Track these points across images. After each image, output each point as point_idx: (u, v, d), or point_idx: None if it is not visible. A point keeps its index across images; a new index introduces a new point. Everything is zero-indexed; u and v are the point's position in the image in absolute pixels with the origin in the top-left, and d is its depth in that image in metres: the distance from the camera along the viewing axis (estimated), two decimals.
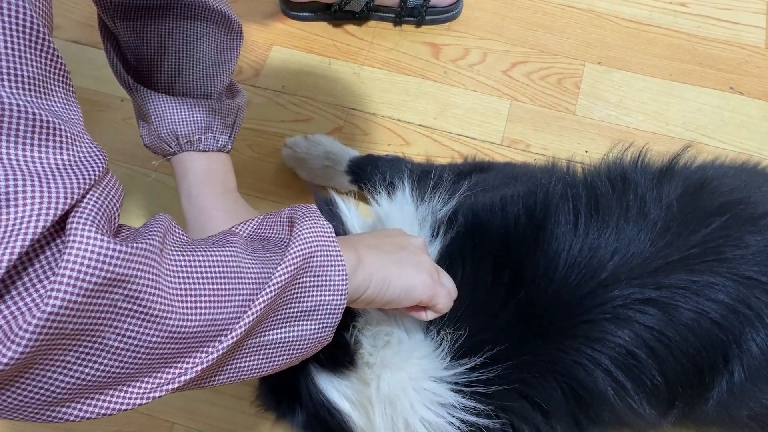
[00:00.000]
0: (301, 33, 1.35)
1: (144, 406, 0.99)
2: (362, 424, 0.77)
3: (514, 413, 0.73)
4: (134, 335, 0.43)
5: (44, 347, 0.39)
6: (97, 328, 0.41)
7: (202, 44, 0.82)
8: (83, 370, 0.43)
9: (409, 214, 0.79)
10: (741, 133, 1.21)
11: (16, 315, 0.37)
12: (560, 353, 0.71)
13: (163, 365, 0.47)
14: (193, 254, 0.48)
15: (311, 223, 0.55)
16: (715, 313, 0.69)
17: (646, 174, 0.77)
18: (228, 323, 0.49)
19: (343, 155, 1.13)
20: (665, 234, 0.71)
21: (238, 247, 0.52)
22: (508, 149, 1.21)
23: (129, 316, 0.42)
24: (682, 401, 0.74)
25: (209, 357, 0.48)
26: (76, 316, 0.39)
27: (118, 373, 0.44)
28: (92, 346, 0.42)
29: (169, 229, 0.49)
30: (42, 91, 0.41)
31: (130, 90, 0.82)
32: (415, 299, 0.64)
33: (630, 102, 1.25)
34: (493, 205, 0.78)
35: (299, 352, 0.57)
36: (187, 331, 0.46)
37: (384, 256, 0.63)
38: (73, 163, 0.41)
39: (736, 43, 1.31)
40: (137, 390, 0.47)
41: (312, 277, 0.54)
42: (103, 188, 0.43)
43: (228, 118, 0.86)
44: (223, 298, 0.48)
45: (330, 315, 0.56)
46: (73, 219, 0.39)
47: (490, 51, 1.31)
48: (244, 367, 0.54)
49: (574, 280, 0.70)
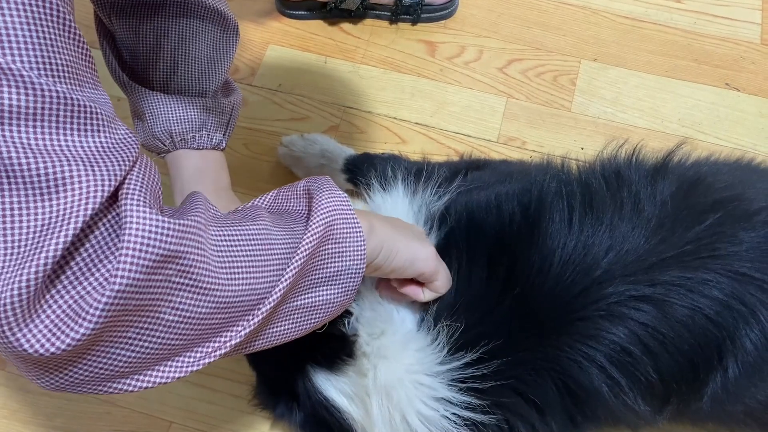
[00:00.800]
0: (297, 31, 1.35)
1: (142, 406, 1.00)
2: (360, 418, 0.77)
3: (509, 410, 0.73)
4: (187, 307, 0.46)
5: (110, 323, 0.41)
6: (155, 302, 0.43)
7: (199, 42, 0.82)
8: (143, 344, 0.45)
9: (402, 208, 0.80)
10: (736, 129, 1.21)
11: (83, 294, 0.39)
12: (555, 350, 0.71)
13: (212, 334, 0.50)
14: (231, 228, 0.51)
15: (329, 193, 0.58)
16: (709, 309, 0.69)
17: (640, 171, 0.77)
18: (266, 291, 0.52)
19: (339, 154, 1.13)
20: (659, 231, 0.71)
21: (267, 221, 0.54)
22: (504, 146, 1.21)
23: (182, 289, 0.45)
24: (676, 397, 0.74)
25: (252, 322, 0.51)
26: (139, 291, 0.41)
27: (174, 344, 0.47)
28: (151, 321, 0.44)
29: (207, 207, 0.51)
30: (76, 76, 0.42)
31: (125, 88, 0.82)
32: (418, 270, 0.67)
33: (625, 99, 1.25)
34: (488, 202, 0.78)
35: (325, 315, 0.60)
36: (233, 301, 0.49)
37: (393, 227, 0.67)
38: (112, 145, 0.42)
39: (732, 39, 1.31)
40: (190, 359, 0.50)
41: (334, 244, 0.57)
42: (141, 167, 0.44)
43: (223, 116, 0.87)
44: (260, 268, 0.51)
45: (352, 278, 0.59)
46: (125, 197, 0.41)
47: (485, 48, 1.31)
48: (277, 331, 0.57)
49: (569, 277, 0.71)
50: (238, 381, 1.02)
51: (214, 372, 1.03)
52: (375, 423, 0.75)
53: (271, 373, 0.83)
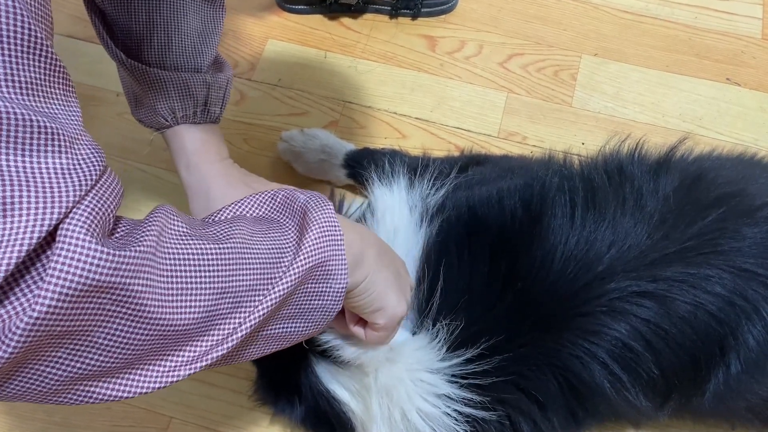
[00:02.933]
0: (296, 26, 1.34)
1: (142, 401, 1.00)
2: (360, 413, 0.77)
3: (510, 406, 0.73)
4: (124, 334, 0.45)
5: (35, 346, 0.41)
6: (85, 328, 0.43)
7: (189, 16, 0.82)
8: (74, 365, 0.44)
9: (400, 201, 0.80)
10: (737, 124, 1.21)
11: (6, 319, 0.39)
12: (557, 346, 0.71)
13: (155, 356, 0.48)
14: (190, 250, 0.48)
15: (324, 227, 0.55)
16: (711, 305, 0.69)
17: (642, 166, 0.77)
18: (223, 320, 0.50)
19: (339, 149, 1.12)
20: (662, 226, 0.71)
21: (237, 241, 0.52)
22: (505, 142, 1.21)
23: (118, 317, 0.44)
24: (678, 394, 0.74)
25: (220, 348, 0.51)
26: (62, 319, 0.40)
27: (109, 366, 0.46)
28: (82, 344, 0.44)
29: (167, 226, 0.49)
30: (40, 94, 0.41)
31: (123, 65, 0.82)
32: (375, 320, 0.66)
33: (626, 93, 1.25)
34: (489, 198, 0.77)
35: (288, 343, 0.60)
36: (179, 329, 0.47)
37: (383, 268, 0.64)
38: (71, 167, 0.41)
39: (733, 33, 1.30)
40: (133, 380, 0.49)
41: (316, 283, 0.55)
42: (98, 189, 0.43)
43: (220, 91, 0.88)
44: (218, 297, 0.49)
45: (324, 317, 0.58)
46: (68, 224, 0.39)
47: (486, 43, 1.31)
48: (240, 354, 0.56)
49: (571, 273, 0.71)
50: (239, 376, 1.02)
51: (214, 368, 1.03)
52: (374, 419, 0.75)
53: (272, 367, 0.83)
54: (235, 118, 1.24)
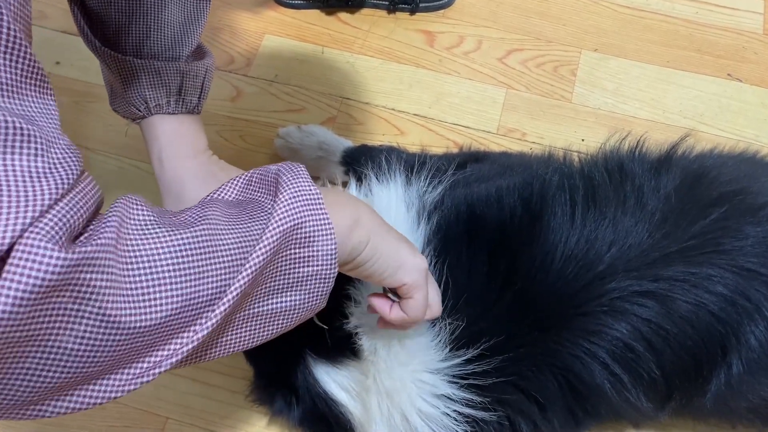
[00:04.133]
0: (293, 21, 1.33)
1: (138, 401, 0.99)
2: (359, 414, 0.76)
3: (510, 406, 0.73)
4: (92, 336, 0.42)
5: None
6: (49, 333, 0.41)
7: (170, 7, 0.81)
8: (46, 374, 0.42)
9: (397, 198, 0.79)
10: (739, 120, 1.20)
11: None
12: (557, 346, 0.70)
13: (137, 356, 0.46)
14: (154, 241, 0.46)
15: (296, 189, 0.52)
16: (713, 305, 0.68)
17: (643, 164, 0.76)
18: (204, 307, 0.47)
19: (336, 145, 1.12)
20: (663, 225, 0.70)
21: (211, 223, 0.49)
22: (504, 138, 1.20)
23: (84, 318, 0.41)
24: (679, 394, 0.73)
25: (192, 338, 0.47)
26: (21, 323, 0.38)
27: (86, 371, 0.44)
28: (50, 351, 0.41)
29: (127, 217, 0.46)
30: (16, 96, 0.40)
31: (98, 53, 0.81)
32: (400, 279, 0.60)
33: (627, 89, 1.24)
34: (488, 195, 0.77)
35: (291, 321, 0.56)
36: (151, 326, 0.45)
37: (384, 226, 0.61)
38: (47, 170, 0.40)
39: (734, 29, 1.29)
40: (117, 381, 0.47)
41: (299, 248, 0.52)
42: (73, 196, 0.41)
43: (196, 79, 0.86)
44: (193, 283, 0.46)
45: (321, 283, 0.54)
46: (32, 230, 0.38)
47: (485, 38, 1.30)
48: (234, 340, 0.53)
49: (571, 272, 0.70)
50: (235, 376, 1.01)
51: (210, 367, 1.02)
52: (373, 420, 0.75)
53: (269, 368, 0.82)
54: (231, 114, 1.23)
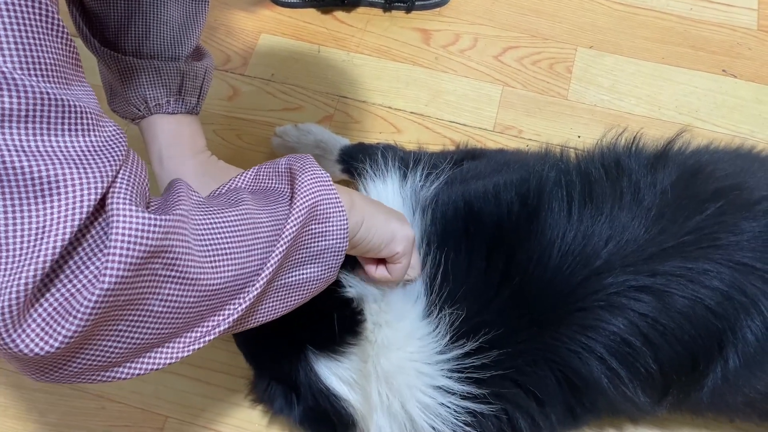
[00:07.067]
0: (289, 20, 1.33)
1: (137, 401, 0.99)
2: (359, 405, 0.77)
3: (508, 400, 0.73)
4: (174, 298, 0.47)
5: (101, 319, 0.42)
6: (143, 296, 0.45)
7: (169, 7, 0.82)
8: (133, 335, 0.46)
9: (394, 195, 0.79)
10: (734, 115, 1.21)
11: (74, 292, 0.40)
12: (554, 341, 0.71)
13: (200, 320, 0.51)
14: (213, 216, 0.52)
15: (311, 174, 0.58)
16: (710, 300, 0.68)
17: (640, 160, 0.76)
18: (252, 275, 0.53)
19: (334, 144, 1.12)
20: (660, 221, 0.70)
21: (249, 204, 0.55)
22: (501, 135, 1.20)
23: (169, 282, 0.46)
24: (676, 389, 0.74)
25: (241, 307, 0.53)
26: (127, 287, 0.42)
27: (163, 333, 0.48)
28: (140, 313, 0.46)
29: (189, 195, 0.52)
30: (63, 75, 0.42)
31: (97, 53, 0.82)
32: (393, 249, 0.68)
33: (622, 86, 1.24)
34: (486, 192, 0.77)
35: (310, 291, 0.61)
36: (218, 288, 0.50)
37: (373, 205, 0.68)
38: (102, 145, 0.43)
39: (729, 25, 1.29)
40: (180, 344, 0.51)
41: (317, 224, 0.58)
42: (130, 165, 0.45)
43: (196, 80, 0.87)
44: (245, 253, 0.52)
45: (335, 256, 0.60)
46: (112, 197, 0.41)
47: (480, 36, 1.30)
48: (265, 309, 0.58)
49: (568, 268, 0.70)
50: (235, 375, 1.01)
51: (210, 366, 1.02)
52: (374, 408, 0.75)
53: (269, 366, 0.82)
54: (228, 113, 1.23)
